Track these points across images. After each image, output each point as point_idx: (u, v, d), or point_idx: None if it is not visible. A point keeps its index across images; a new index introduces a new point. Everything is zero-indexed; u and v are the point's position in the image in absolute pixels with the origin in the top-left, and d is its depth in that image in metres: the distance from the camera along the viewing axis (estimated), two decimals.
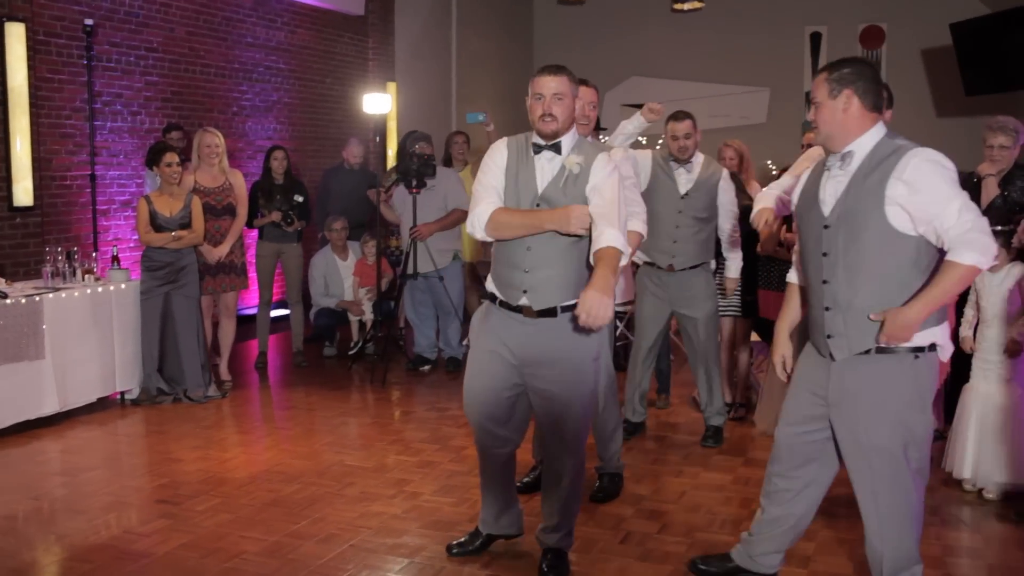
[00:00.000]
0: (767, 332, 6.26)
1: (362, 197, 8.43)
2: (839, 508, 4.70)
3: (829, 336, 3.28)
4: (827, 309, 3.27)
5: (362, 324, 8.39)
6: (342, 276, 8.44)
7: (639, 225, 4.41)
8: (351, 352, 8.27)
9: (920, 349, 3.18)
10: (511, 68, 14.13)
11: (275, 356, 8.46)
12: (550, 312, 3.58)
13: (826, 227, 3.24)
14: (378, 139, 10.21)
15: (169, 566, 4.02)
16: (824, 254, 3.26)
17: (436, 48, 12.64)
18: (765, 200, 4.53)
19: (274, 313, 8.38)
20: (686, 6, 12.49)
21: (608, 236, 3.38)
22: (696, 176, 5.59)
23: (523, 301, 3.59)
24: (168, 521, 4.54)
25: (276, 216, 7.71)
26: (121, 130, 8.42)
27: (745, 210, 6.01)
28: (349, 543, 4.26)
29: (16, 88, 7.26)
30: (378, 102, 8.32)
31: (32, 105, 7.41)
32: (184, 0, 9.00)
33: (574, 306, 3.39)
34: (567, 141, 3.61)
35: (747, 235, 6.02)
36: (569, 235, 3.50)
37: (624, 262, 3.43)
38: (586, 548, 4.18)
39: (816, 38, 13.36)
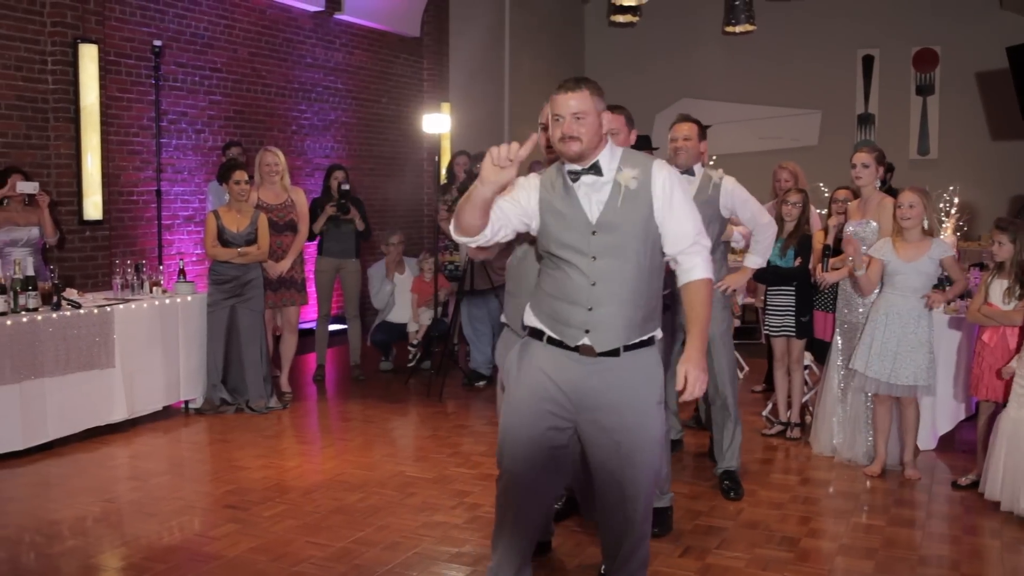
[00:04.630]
0: (822, 353, 6.28)
1: None
2: (892, 528, 4.73)
3: None
4: None
5: (417, 333, 8.53)
6: (398, 290, 8.60)
7: None
8: (409, 364, 8.41)
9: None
10: None
11: (333, 369, 8.61)
12: (612, 352, 3.18)
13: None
14: (436, 159, 10.37)
15: (241, 568, 4.14)
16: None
17: (489, 69, 12.82)
18: None
19: (332, 327, 8.52)
20: (737, 29, 12.56)
21: (701, 266, 3.20)
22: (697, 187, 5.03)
23: (584, 341, 3.18)
24: (237, 526, 4.67)
25: (331, 210, 7.81)
26: (186, 147, 8.66)
27: (803, 239, 6.06)
28: (413, 551, 4.36)
29: (88, 107, 7.53)
30: (436, 122, 8.48)
31: (102, 123, 7.67)
32: (247, 22, 9.25)
33: (638, 345, 3.20)
34: (606, 158, 3.21)
35: (804, 262, 6.05)
36: (636, 263, 3.17)
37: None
38: None
39: (868, 61, 13.34)
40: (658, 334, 3.31)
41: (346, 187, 7.83)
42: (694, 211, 3.24)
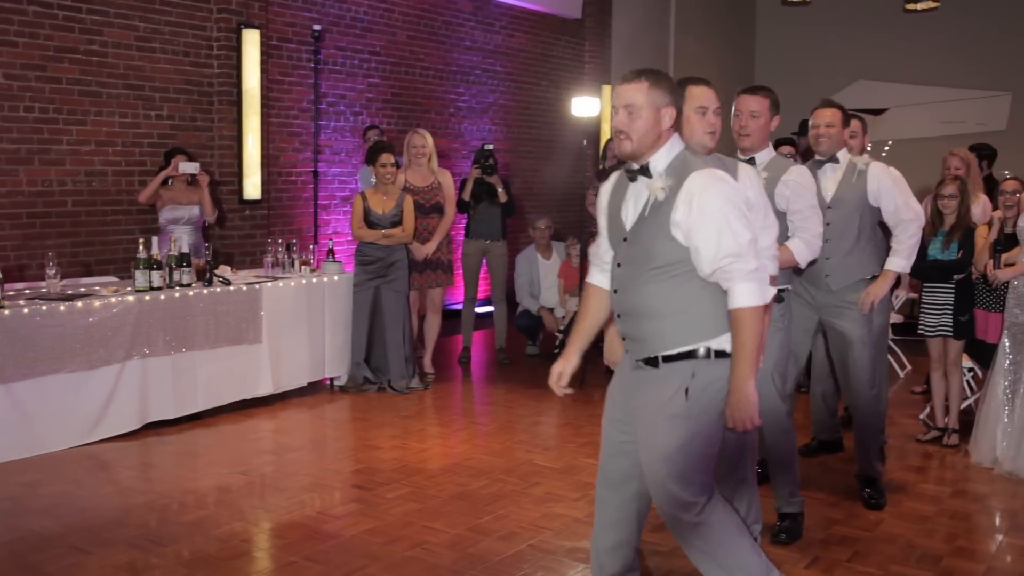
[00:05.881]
0: (983, 355, 5.82)
1: None
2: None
3: None
4: None
5: (564, 319, 8.44)
6: (541, 275, 8.53)
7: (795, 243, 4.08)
8: (555, 351, 8.32)
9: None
10: (731, 72, 13.84)
11: (478, 352, 8.64)
12: (651, 362, 3.03)
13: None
14: (585, 142, 10.24)
15: (354, 549, 4.18)
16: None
17: (653, 51, 12.54)
18: None
19: (479, 310, 8.55)
20: (919, 6, 11.78)
21: (740, 293, 2.88)
22: (841, 176, 4.73)
23: (628, 348, 3.14)
24: (359, 505, 4.72)
25: (476, 171, 7.80)
26: (343, 129, 8.86)
27: (967, 231, 5.62)
28: (528, 542, 4.29)
29: (250, 90, 7.79)
30: (586, 105, 8.37)
31: (263, 106, 7.94)
32: (407, 5, 9.36)
33: (679, 356, 2.97)
34: (661, 159, 3.00)
35: (966, 254, 5.61)
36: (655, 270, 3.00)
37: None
38: None
39: None
40: (712, 345, 2.97)
41: (490, 147, 7.81)
42: (733, 226, 2.88)
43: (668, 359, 2.99)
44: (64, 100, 6.92)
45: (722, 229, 2.87)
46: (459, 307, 8.71)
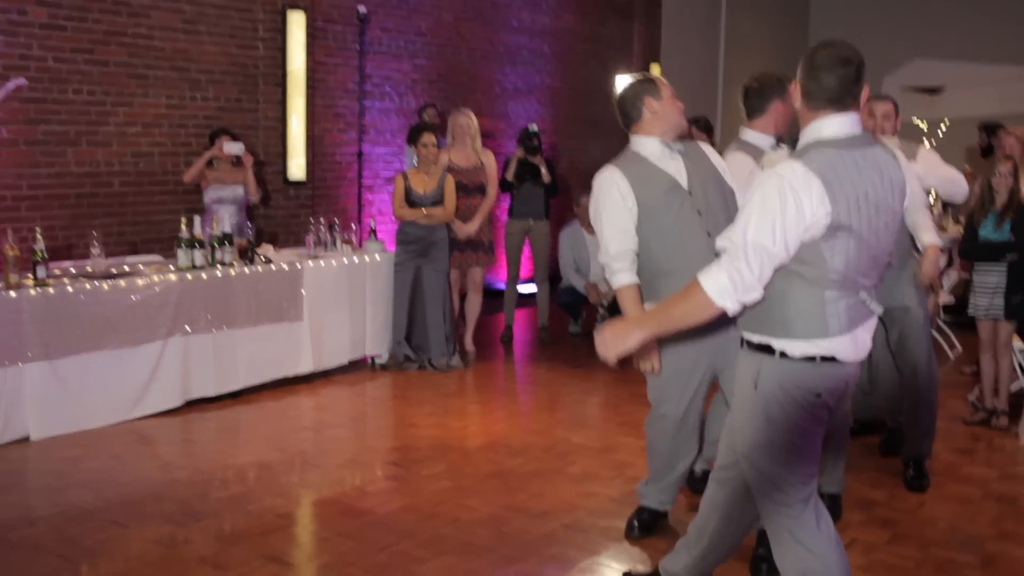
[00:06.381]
0: None
1: None
2: None
3: None
4: None
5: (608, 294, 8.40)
6: (590, 252, 8.46)
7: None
8: (595, 331, 8.27)
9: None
10: (784, 51, 13.62)
11: (521, 331, 8.63)
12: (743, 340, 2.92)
13: None
14: None
15: (386, 526, 4.19)
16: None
17: (704, 31, 12.38)
18: None
19: (522, 289, 8.52)
20: None
21: (709, 271, 2.67)
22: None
23: None
24: (394, 483, 4.74)
25: (520, 152, 7.80)
26: (388, 110, 8.87)
27: (1020, 210, 5.47)
28: (562, 522, 4.26)
29: (295, 71, 7.84)
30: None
31: (308, 87, 7.97)
32: None
33: (753, 346, 2.81)
34: (800, 141, 2.93)
35: (1019, 235, 5.45)
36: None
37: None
38: None
39: None
40: (788, 348, 2.73)
41: (534, 128, 7.77)
42: (752, 215, 2.64)
43: (747, 344, 2.84)
44: (111, 82, 7.02)
45: (742, 211, 2.69)
46: (502, 286, 8.70)
